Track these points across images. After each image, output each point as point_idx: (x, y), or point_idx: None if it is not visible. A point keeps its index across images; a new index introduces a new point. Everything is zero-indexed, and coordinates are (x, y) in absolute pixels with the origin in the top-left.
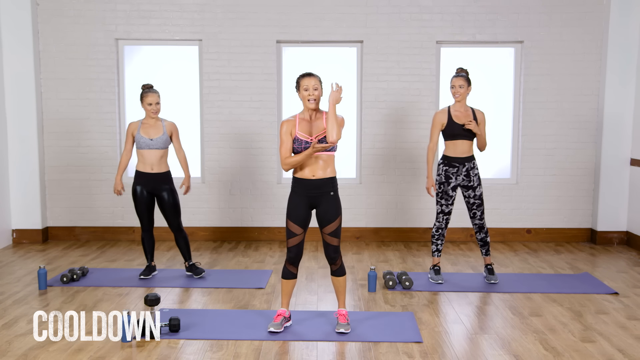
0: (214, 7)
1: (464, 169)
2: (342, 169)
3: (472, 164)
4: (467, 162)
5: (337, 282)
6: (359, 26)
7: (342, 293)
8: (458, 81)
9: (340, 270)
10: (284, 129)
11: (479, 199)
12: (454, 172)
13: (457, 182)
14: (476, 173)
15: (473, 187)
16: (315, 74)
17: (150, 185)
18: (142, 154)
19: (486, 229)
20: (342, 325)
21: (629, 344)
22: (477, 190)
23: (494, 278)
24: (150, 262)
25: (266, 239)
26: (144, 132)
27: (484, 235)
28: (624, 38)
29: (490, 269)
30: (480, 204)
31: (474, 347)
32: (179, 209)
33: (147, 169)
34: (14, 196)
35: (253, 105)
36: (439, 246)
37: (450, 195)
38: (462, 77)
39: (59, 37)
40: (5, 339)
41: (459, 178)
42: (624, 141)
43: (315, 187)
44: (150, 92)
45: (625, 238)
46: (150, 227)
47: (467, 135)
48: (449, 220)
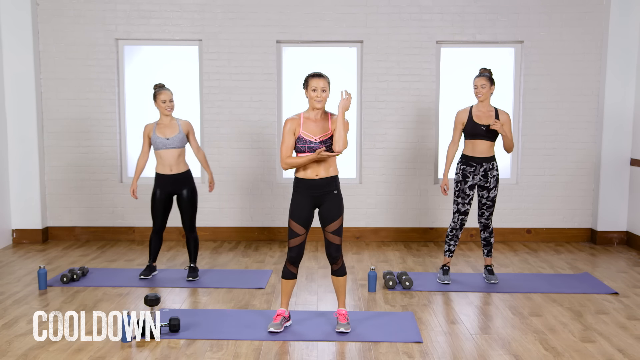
0: (214, 7)
1: (482, 169)
2: (342, 169)
3: (490, 164)
4: (485, 162)
5: (338, 282)
6: (359, 26)
7: (342, 293)
8: (480, 81)
9: (341, 270)
10: (288, 127)
11: (491, 201)
12: (471, 172)
13: (474, 182)
14: (494, 175)
15: (489, 188)
16: (325, 75)
17: (170, 187)
18: (159, 154)
19: (491, 229)
20: (342, 324)
21: (629, 344)
22: (492, 192)
23: (494, 278)
24: (151, 263)
25: (266, 239)
26: (159, 132)
27: (488, 235)
28: (624, 38)
29: (489, 269)
30: (491, 205)
31: (474, 347)
32: (195, 209)
33: (167, 170)
34: (14, 196)
35: (253, 105)
36: (452, 247)
37: (467, 194)
38: (484, 77)
39: (59, 37)
40: (5, 339)
41: (476, 177)
42: (624, 141)
43: (319, 187)
44: (163, 90)
45: (625, 238)
46: (162, 230)
47: (487, 135)
48: (464, 221)
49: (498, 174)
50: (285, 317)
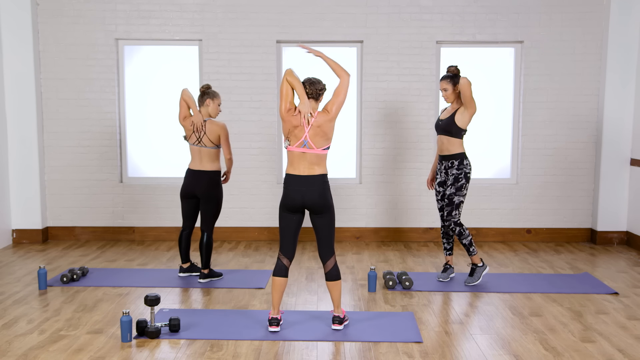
0: (214, 7)
1: (443, 166)
2: (342, 169)
3: (449, 162)
4: (444, 160)
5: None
6: (359, 26)
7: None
8: (442, 84)
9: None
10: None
11: (447, 199)
12: (439, 169)
13: (440, 179)
14: (453, 173)
15: (446, 185)
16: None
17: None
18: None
19: (458, 231)
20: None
21: (629, 344)
22: (449, 190)
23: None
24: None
25: (266, 239)
26: None
27: (457, 236)
28: (624, 38)
29: (473, 268)
30: (448, 203)
31: (474, 347)
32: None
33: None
34: (14, 196)
35: (253, 105)
36: (445, 244)
37: (437, 190)
38: (446, 80)
39: (59, 37)
40: (5, 339)
41: (442, 175)
42: (623, 141)
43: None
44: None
45: (625, 238)
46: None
47: (443, 129)
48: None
49: (459, 173)
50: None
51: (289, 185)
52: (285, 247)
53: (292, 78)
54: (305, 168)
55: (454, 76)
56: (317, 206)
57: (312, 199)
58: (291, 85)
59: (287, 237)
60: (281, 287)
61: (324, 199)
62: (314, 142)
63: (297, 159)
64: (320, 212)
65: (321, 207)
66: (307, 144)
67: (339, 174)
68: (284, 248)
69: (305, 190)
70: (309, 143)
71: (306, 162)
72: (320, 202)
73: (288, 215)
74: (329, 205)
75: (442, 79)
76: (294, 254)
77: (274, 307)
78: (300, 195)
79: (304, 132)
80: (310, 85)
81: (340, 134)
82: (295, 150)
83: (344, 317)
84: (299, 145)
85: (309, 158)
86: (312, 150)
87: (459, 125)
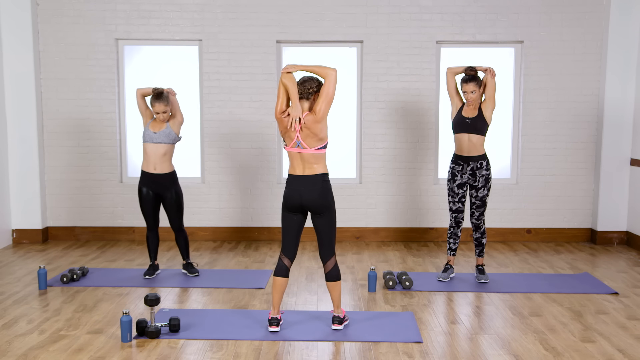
0: (214, 7)
1: (469, 167)
2: (342, 169)
3: (478, 163)
4: (472, 161)
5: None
6: (359, 26)
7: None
8: (470, 87)
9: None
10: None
11: (480, 200)
12: (459, 170)
13: (462, 180)
14: (483, 174)
15: (477, 187)
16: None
17: (154, 187)
18: (145, 149)
19: (483, 230)
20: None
21: (629, 344)
22: (481, 192)
23: (485, 277)
24: (153, 261)
25: (266, 239)
26: (151, 126)
27: (480, 235)
28: (624, 38)
29: (480, 269)
30: (480, 205)
31: (474, 347)
32: (182, 210)
33: (150, 168)
34: (14, 196)
35: (253, 105)
36: (451, 245)
37: (455, 192)
38: (473, 83)
39: (59, 37)
40: (5, 339)
41: (464, 176)
42: (623, 141)
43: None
44: (156, 102)
45: (625, 238)
46: (156, 227)
47: (472, 128)
48: (458, 219)
49: (488, 174)
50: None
51: (289, 185)
52: (287, 248)
53: (286, 80)
54: (303, 168)
55: (477, 75)
56: (316, 206)
57: (311, 198)
58: (284, 87)
59: (289, 238)
60: (282, 287)
61: (324, 198)
62: (307, 143)
63: (295, 159)
64: (320, 212)
65: (320, 207)
66: (300, 144)
67: (339, 174)
68: (285, 248)
69: (304, 189)
70: (302, 143)
71: (304, 161)
72: (320, 202)
73: (289, 215)
74: (328, 205)
75: (468, 81)
76: (295, 254)
77: (274, 307)
78: (298, 194)
79: (295, 133)
80: (300, 85)
81: (340, 134)
82: (292, 150)
83: (344, 317)
84: (293, 146)
85: (306, 158)
86: (306, 150)
87: (487, 122)
